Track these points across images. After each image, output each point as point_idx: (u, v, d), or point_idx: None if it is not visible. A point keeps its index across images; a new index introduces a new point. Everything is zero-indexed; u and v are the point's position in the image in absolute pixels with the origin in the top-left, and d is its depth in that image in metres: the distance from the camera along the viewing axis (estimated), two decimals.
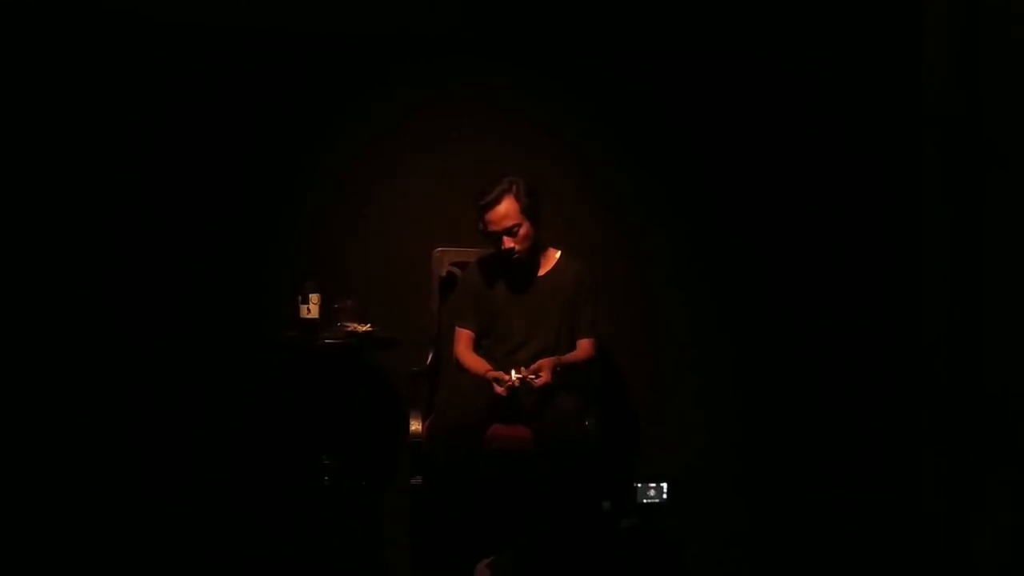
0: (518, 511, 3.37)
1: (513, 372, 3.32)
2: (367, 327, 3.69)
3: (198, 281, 3.92)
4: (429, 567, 3.31)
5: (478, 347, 3.61)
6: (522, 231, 3.47)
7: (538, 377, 3.32)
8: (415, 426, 3.43)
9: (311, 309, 3.69)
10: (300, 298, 3.69)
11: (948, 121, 3.17)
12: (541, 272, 3.60)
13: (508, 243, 3.46)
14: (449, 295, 3.76)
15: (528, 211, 3.46)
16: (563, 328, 3.56)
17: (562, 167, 4.07)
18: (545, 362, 3.38)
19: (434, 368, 3.70)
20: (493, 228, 3.46)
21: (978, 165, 3.08)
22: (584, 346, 3.56)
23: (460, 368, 3.56)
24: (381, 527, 3.70)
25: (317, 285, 3.70)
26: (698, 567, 3.62)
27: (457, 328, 3.62)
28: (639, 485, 3.61)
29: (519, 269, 3.55)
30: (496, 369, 3.44)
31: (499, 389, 3.31)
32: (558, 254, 3.64)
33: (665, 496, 3.61)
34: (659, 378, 4.06)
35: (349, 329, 3.66)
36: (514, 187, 3.46)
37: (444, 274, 3.79)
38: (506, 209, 3.44)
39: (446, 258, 3.80)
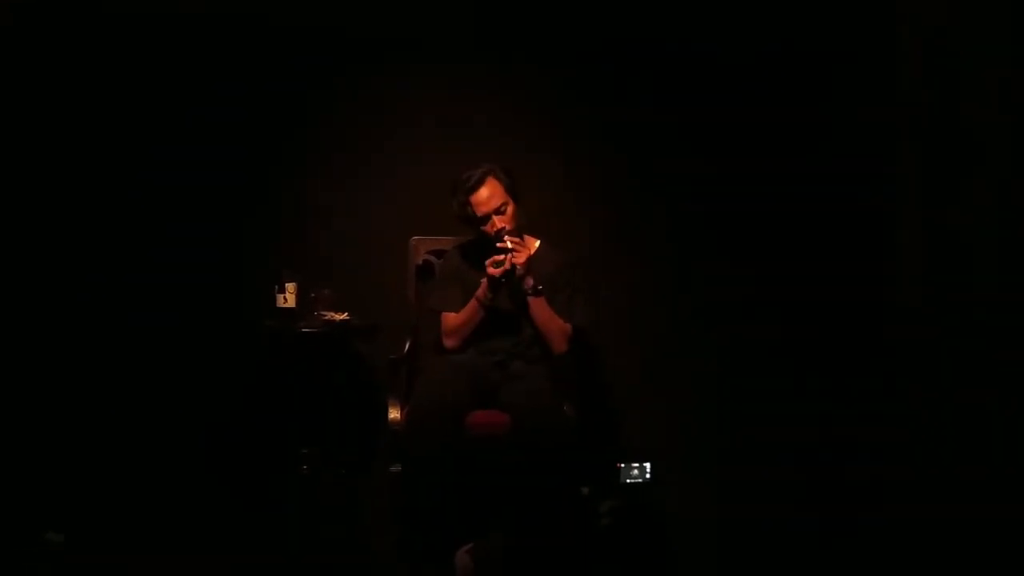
0: (498, 498, 3.38)
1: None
2: (344, 316, 3.69)
3: (174, 271, 3.90)
4: (410, 555, 3.30)
5: None
6: (509, 211, 3.47)
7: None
8: (394, 414, 3.42)
9: (288, 298, 3.69)
10: (277, 287, 3.68)
11: (923, 108, 3.22)
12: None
13: (499, 223, 3.45)
14: (427, 283, 3.75)
15: (511, 190, 3.48)
16: None
17: (543, 156, 4.07)
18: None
19: (412, 356, 3.70)
20: (482, 210, 3.46)
21: (954, 153, 3.12)
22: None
23: (452, 346, 3.56)
24: (361, 515, 3.70)
25: (293, 274, 3.69)
26: (682, 547, 3.62)
27: (444, 315, 3.60)
28: (622, 466, 3.63)
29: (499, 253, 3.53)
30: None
31: (493, 271, 3.38)
32: (538, 242, 3.65)
33: (648, 476, 3.63)
34: (640, 363, 4.07)
35: (326, 318, 3.67)
36: (494, 170, 3.47)
37: (420, 262, 3.78)
38: (491, 190, 3.45)
39: (422, 246, 3.80)
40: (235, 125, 3.97)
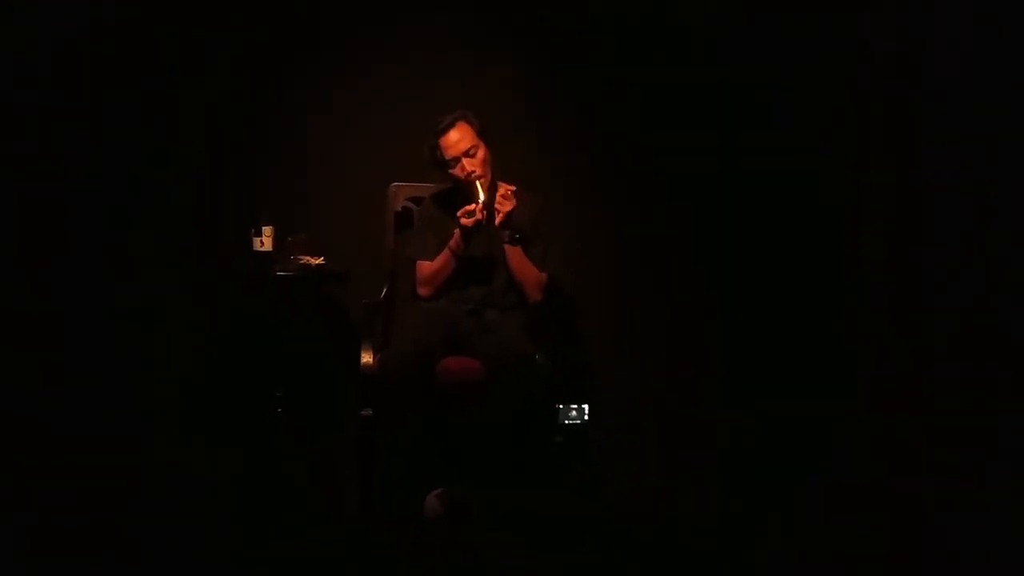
0: (469, 444, 3.40)
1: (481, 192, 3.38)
2: (320, 260, 3.70)
3: (150, 214, 3.89)
4: (380, 499, 3.33)
5: None
6: (479, 155, 3.46)
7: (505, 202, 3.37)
8: (366, 358, 3.43)
9: (264, 242, 3.71)
10: (253, 231, 3.69)
11: (889, 58, 3.20)
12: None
13: (468, 165, 3.44)
14: (405, 230, 3.75)
15: (482, 134, 3.47)
16: None
17: (525, 105, 4.06)
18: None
19: (388, 302, 3.70)
20: (450, 153, 3.45)
21: (918, 102, 3.11)
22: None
23: (426, 295, 3.56)
24: (332, 459, 3.72)
25: (270, 218, 3.69)
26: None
27: (419, 263, 3.60)
28: (560, 407, 3.65)
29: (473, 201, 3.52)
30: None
31: (466, 221, 3.37)
32: (513, 189, 3.62)
33: (586, 418, 3.66)
34: (615, 313, 4.10)
35: (302, 262, 3.68)
36: (466, 115, 3.47)
37: (399, 209, 3.78)
38: (460, 133, 3.45)
39: (402, 193, 3.78)
40: (214, 68, 3.94)
